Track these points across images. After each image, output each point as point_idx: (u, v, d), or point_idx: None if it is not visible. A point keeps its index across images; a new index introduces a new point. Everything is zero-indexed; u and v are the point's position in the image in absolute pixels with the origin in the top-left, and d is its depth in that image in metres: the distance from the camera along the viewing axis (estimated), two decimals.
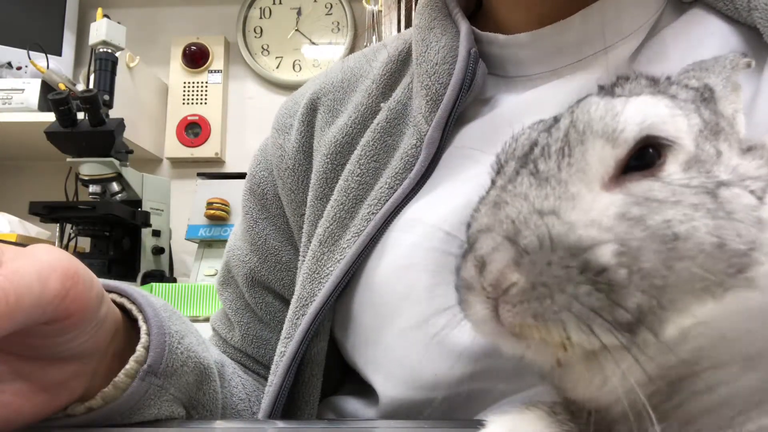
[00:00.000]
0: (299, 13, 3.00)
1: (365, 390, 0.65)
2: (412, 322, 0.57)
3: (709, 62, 0.40)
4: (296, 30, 3.00)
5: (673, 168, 0.32)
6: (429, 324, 0.56)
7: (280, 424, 0.62)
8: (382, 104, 0.71)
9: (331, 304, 0.64)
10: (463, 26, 0.68)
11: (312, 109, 0.76)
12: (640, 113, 0.33)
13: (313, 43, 2.99)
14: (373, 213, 0.64)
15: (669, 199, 0.30)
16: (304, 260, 0.70)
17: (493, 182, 0.36)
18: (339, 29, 2.96)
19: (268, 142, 0.82)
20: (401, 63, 0.74)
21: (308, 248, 0.69)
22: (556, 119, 0.36)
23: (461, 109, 0.65)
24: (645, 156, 0.32)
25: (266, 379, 0.70)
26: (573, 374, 0.34)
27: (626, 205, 0.30)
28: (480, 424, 0.36)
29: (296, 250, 0.77)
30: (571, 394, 0.35)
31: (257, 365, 0.80)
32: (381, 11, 2.57)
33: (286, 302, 0.76)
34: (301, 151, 0.75)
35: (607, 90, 0.37)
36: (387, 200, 0.64)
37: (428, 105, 0.66)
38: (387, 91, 0.73)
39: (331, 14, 2.97)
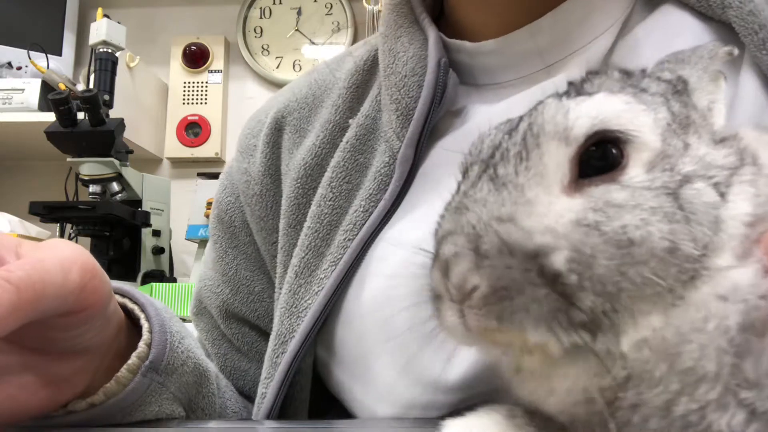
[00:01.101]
0: (299, 13, 2.99)
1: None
2: (397, 358, 0.55)
3: (687, 53, 0.39)
4: (296, 30, 3.00)
5: (635, 170, 0.31)
6: (415, 361, 0.54)
7: (275, 424, 0.61)
8: (350, 120, 0.68)
9: (312, 340, 0.61)
10: (431, 34, 0.65)
11: (277, 129, 0.73)
12: (592, 109, 0.32)
13: (313, 43, 2.99)
14: (349, 239, 0.61)
15: (628, 203, 0.30)
16: (280, 293, 0.66)
17: (458, 186, 0.36)
18: (339, 29, 2.96)
19: (232, 165, 0.77)
20: (367, 72, 0.71)
21: (284, 280, 0.66)
22: (521, 119, 0.35)
23: (433, 122, 0.62)
24: (607, 156, 0.32)
25: (253, 402, 0.68)
26: (531, 381, 0.34)
27: (583, 211, 0.30)
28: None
29: (269, 279, 0.73)
30: (531, 403, 0.35)
31: (239, 395, 0.76)
32: (381, 11, 2.57)
33: (263, 332, 0.73)
34: (267, 174, 0.72)
35: (576, 86, 0.37)
36: (363, 224, 0.61)
37: (399, 120, 0.63)
38: (354, 104, 0.69)
39: (331, 14, 2.97)
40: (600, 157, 0.32)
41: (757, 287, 0.29)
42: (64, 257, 0.44)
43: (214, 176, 2.55)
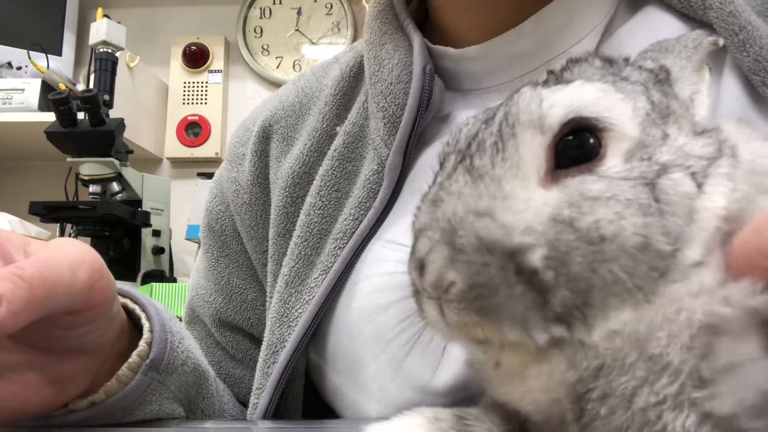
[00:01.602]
0: (299, 13, 3.00)
1: None
2: (388, 362, 0.55)
3: (671, 42, 0.38)
4: (296, 30, 3.00)
5: (613, 160, 0.31)
6: (405, 365, 0.54)
7: (271, 424, 0.62)
8: (338, 128, 0.68)
9: (303, 349, 0.61)
10: (416, 40, 0.64)
11: (264, 138, 0.73)
12: (566, 97, 0.32)
13: (313, 43, 2.99)
14: (339, 248, 0.61)
15: (603, 194, 0.29)
16: (271, 301, 0.66)
17: (435, 178, 0.35)
18: (339, 29, 2.97)
19: (222, 173, 0.78)
20: (353, 79, 0.71)
21: (274, 288, 0.66)
22: (499, 107, 0.35)
23: (420, 129, 0.62)
24: (584, 146, 0.31)
25: (248, 407, 0.68)
26: (508, 380, 0.33)
27: (559, 205, 0.30)
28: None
29: (262, 287, 0.73)
30: (507, 402, 0.35)
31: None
32: None
33: (258, 340, 0.73)
34: (256, 183, 0.72)
35: (556, 75, 0.36)
36: (353, 233, 0.61)
37: (386, 128, 0.62)
38: (341, 112, 0.69)
39: (331, 14, 2.97)
40: (577, 146, 0.31)
41: (722, 287, 0.28)
42: (73, 256, 0.45)
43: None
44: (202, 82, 2.95)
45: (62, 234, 2.29)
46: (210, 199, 0.78)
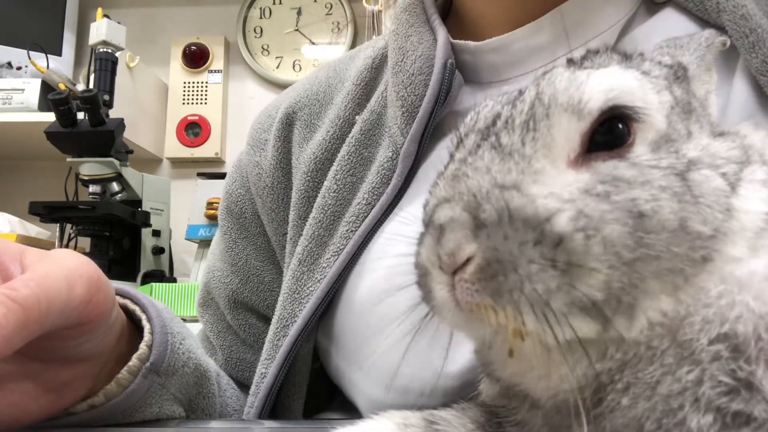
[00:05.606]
0: (299, 13, 2.99)
1: (353, 408, 0.64)
2: (396, 343, 0.55)
3: (684, 39, 0.39)
4: (296, 30, 3.00)
5: (641, 149, 0.31)
6: (415, 348, 0.53)
7: (273, 424, 0.62)
8: (357, 117, 0.70)
9: (313, 325, 0.62)
10: (441, 34, 0.66)
11: (288, 124, 0.75)
12: (606, 82, 0.31)
13: (313, 43, 2.99)
14: (352, 231, 0.63)
15: (637, 179, 0.29)
16: (284, 280, 0.68)
17: (452, 156, 0.35)
18: (339, 29, 2.96)
19: (242, 158, 0.79)
20: (375, 71, 0.73)
21: (289, 267, 0.68)
22: (521, 92, 0.35)
23: (437, 121, 0.64)
24: (614, 131, 0.31)
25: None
26: (522, 364, 0.33)
27: (592, 182, 0.29)
28: None
29: (279, 269, 0.75)
30: (515, 385, 0.35)
31: (242, 387, 0.77)
32: (381, 11, 2.57)
33: (270, 323, 0.74)
34: (278, 168, 0.74)
35: (575, 63, 0.36)
36: (365, 217, 0.63)
37: (404, 117, 0.64)
38: (362, 101, 0.71)
39: (331, 14, 2.97)
40: (606, 132, 0.31)
41: None
42: (70, 271, 0.44)
43: (214, 176, 2.55)
44: (202, 82, 2.95)
45: (62, 234, 2.29)
46: (230, 182, 0.80)
